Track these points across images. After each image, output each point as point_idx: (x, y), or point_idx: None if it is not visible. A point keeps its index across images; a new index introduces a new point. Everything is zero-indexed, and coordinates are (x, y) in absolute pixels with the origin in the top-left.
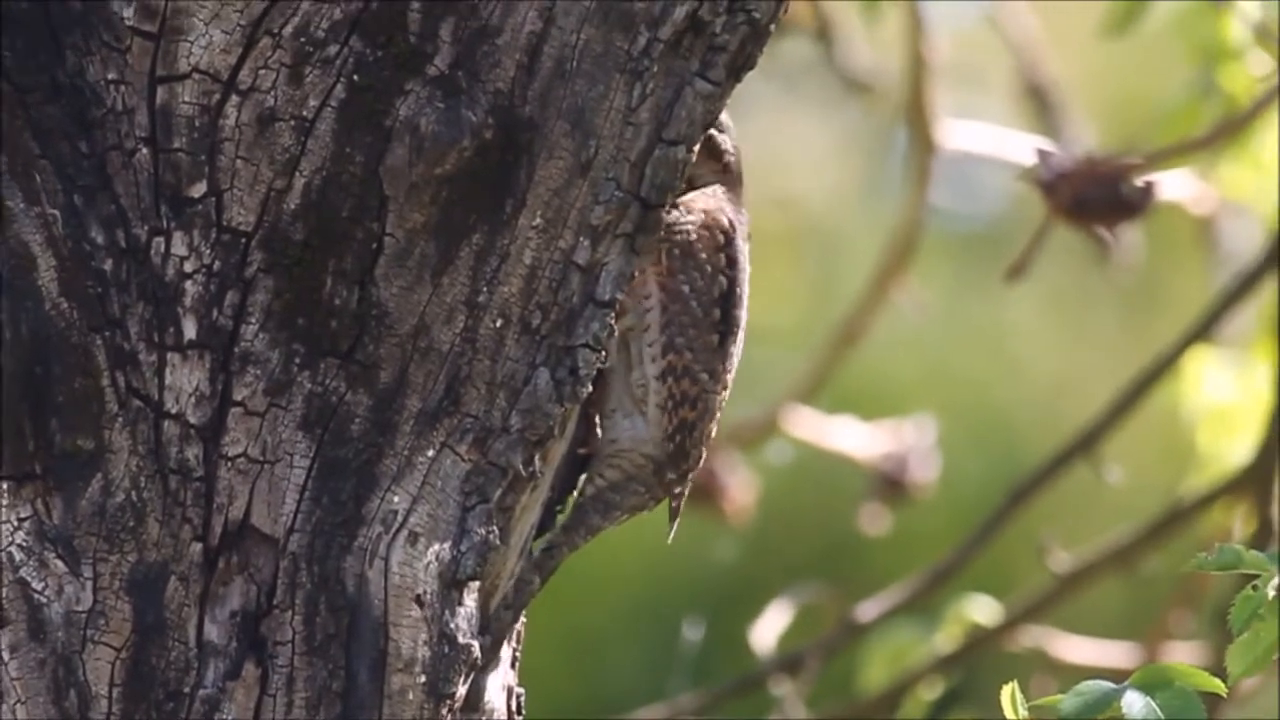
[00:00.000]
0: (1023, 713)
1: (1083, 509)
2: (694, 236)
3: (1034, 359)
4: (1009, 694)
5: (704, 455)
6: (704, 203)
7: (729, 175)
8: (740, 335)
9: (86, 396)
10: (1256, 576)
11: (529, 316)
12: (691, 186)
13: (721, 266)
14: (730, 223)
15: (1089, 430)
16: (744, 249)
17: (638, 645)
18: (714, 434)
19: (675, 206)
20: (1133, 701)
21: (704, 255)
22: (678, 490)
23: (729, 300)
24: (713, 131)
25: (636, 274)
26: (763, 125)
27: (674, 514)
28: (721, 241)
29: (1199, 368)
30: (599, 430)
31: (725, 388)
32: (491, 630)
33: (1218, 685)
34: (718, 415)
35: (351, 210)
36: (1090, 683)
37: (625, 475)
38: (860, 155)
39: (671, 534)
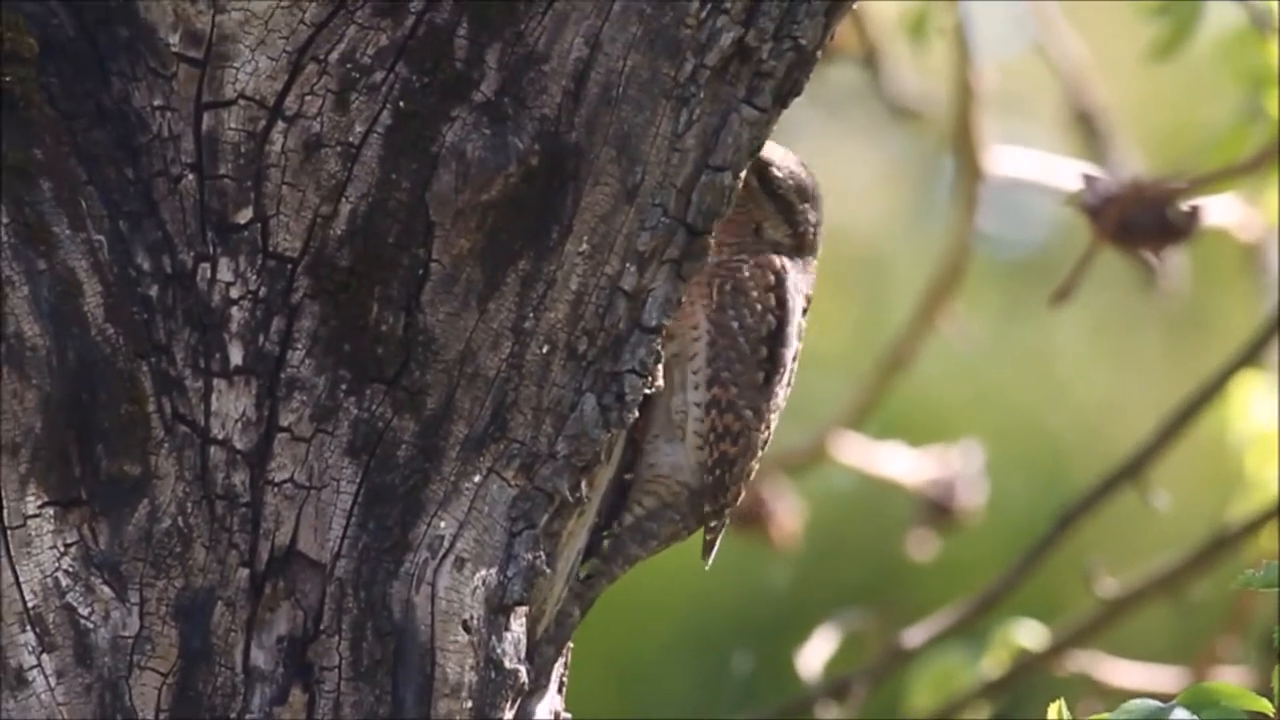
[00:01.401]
0: None
1: (1130, 535)
2: (746, 274)
3: (1081, 384)
4: (1056, 710)
5: (742, 492)
6: (758, 246)
7: (802, 245)
8: (786, 379)
9: (133, 422)
10: None
11: (575, 342)
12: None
13: (771, 306)
14: (782, 265)
15: (1136, 456)
16: (797, 297)
17: (685, 671)
18: (754, 472)
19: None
20: (1180, 719)
21: (755, 294)
22: (713, 524)
23: (776, 340)
24: (796, 203)
25: (684, 301)
26: (809, 152)
27: (708, 547)
28: (772, 282)
29: (1246, 393)
30: (643, 455)
31: (768, 427)
32: (534, 663)
33: (1265, 705)
34: (759, 454)
35: (398, 236)
36: (1137, 701)
37: (662, 503)
38: (907, 182)
39: (708, 564)
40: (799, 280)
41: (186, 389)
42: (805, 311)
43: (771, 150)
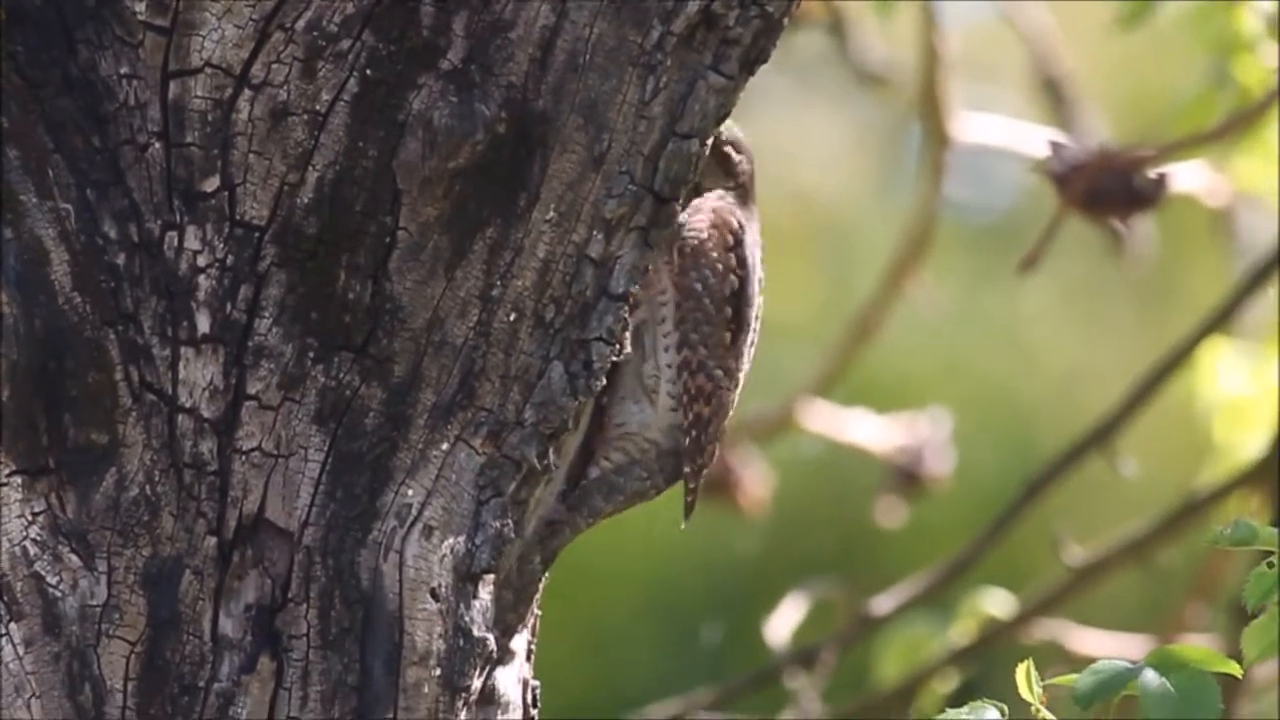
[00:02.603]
0: (1038, 692)
1: (1098, 502)
2: (705, 236)
3: (1048, 351)
4: (1024, 672)
5: (717, 451)
6: (713, 203)
7: (741, 190)
8: (752, 336)
9: (100, 391)
10: (1271, 554)
11: (543, 310)
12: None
13: (732, 266)
14: (739, 224)
15: (1104, 423)
16: (754, 252)
17: (653, 639)
18: (726, 431)
19: (684, 208)
20: (1148, 680)
21: (715, 254)
22: (691, 485)
23: (740, 299)
24: (729, 149)
25: (650, 269)
26: (776, 119)
27: (689, 508)
28: (731, 242)
29: (1214, 360)
30: (608, 415)
31: (738, 385)
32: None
33: (1233, 667)
34: (730, 412)
35: (365, 204)
36: (1105, 662)
37: (629, 459)
38: (874, 149)
39: (685, 523)
40: (754, 233)
41: (154, 357)
42: (761, 264)
43: None
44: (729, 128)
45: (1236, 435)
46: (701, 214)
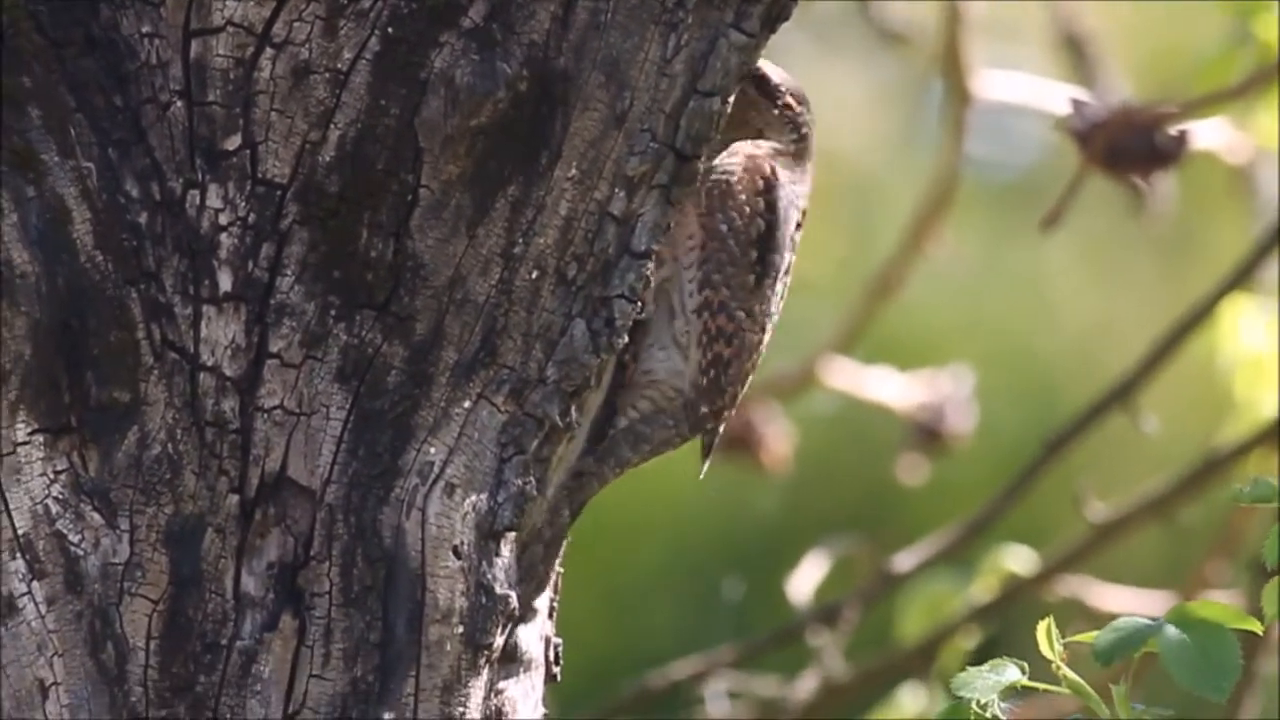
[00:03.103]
0: (1059, 649)
1: (1119, 458)
2: (735, 178)
3: (1070, 308)
4: (1045, 630)
5: (740, 395)
6: (748, 149)
7: (801, 143)
8: (781, 283)
9: (122, 349)
10: None
11: (565, 268)
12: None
13: (760, 210)
14: (772, 169)
15: (1125, 380)
16: (792, 204)
17: (675, 597)
18: (751, 378)
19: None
20: (1169, 637)
21: (743, 197)
22: (710, 427)
23: (767, 244)
24: (792, 101)
25: (673, 223)
26: (797, 77)
27: (707, 450)
28: (761, 186)
29: (1235, 316)
30: (636, 362)
31: (764, 330)
32: (521, 565)
33: (1254, 624)
34: (756, 357)
35: (386, 162)
36: (1126, 619)
37: (656, 407)
38: (896, 107)
39: (703, 471)
40: (793, 189)
41: (176, 316)
42: (800, 225)
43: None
44: (791, 81)
45: (1258, 391)
46: (735, 157)
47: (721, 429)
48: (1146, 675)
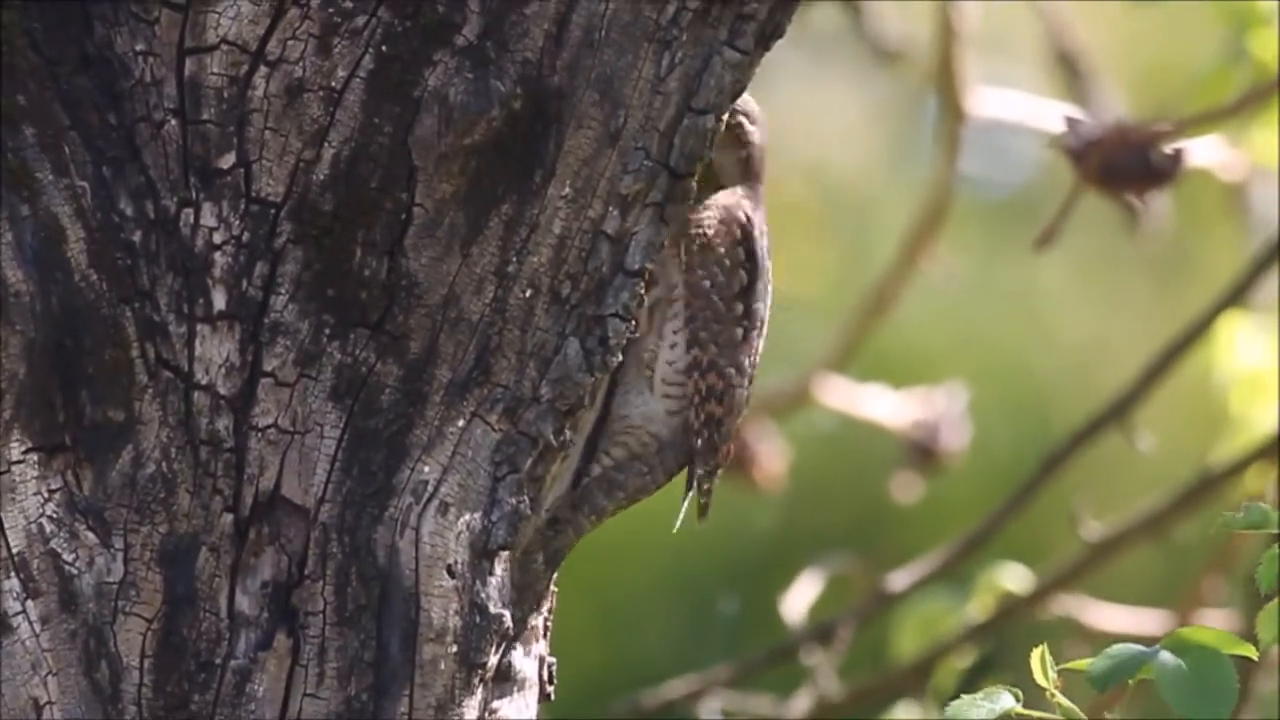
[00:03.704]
0: (1052, 676)
1: (1115, 476)
2: (712, 232)
3: (1065, 326)
4: (1039, 657)
5: (730, 450)
6: (722, 199)
7: (749, 166)
8: (762, 330)
9: (116, 368)
10: None
11: (559, 286)
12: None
13: (740, 260)
14: (747, 217)
15: (1121, 398)
16: (763, 245)
17: (669, 615)
18: (738, 429)
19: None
20: (1164, 663)
21: (722, 250)
22: (705, 487)
23: (749, 294)
24: (742, 120)
25: (666, 244)
26: (791, 94)
27: (703, 510)
28: (739, 236)
29: (1230, 333)
30: (611, 407)
31: (750, 382)
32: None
33: (1249, 649)
34: (744, 410)
35: (380, 181)
36: (1121, 645)
37: (630, 454)
38: (890, 123)
39: (687, 521)
40: (761, 225)
41: (170, 334)
42: (769, 252)
43: None
44: (743, 99)
45: (1253, 409)
46: (709, 210)
47: (715, 483)
48: (1142, 698)
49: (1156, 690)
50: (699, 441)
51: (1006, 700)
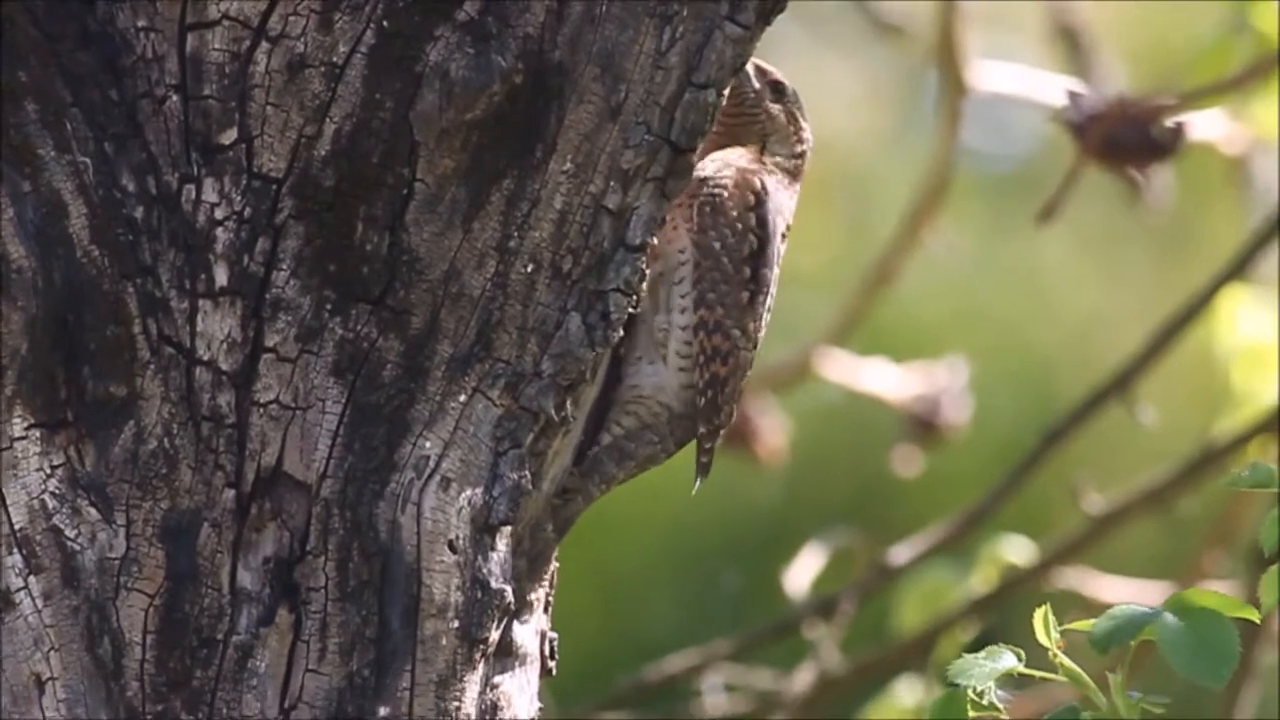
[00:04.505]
0: (1055, 637)
1: (1117, 450)
2: (726, 195)
3: (1066, 300)
4: (1041, 617)
5: (734, 412)
6: (740, 163)
7: (798, 165)
8: (769, 298)
9: (118, 344)
10: None
11: (560, 261)
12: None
13: (752, 225)
14: (762, 185)
15: (1123, 371)
16: (777, 218)
17: (671, 590)
18: (742, 391)
19: (712, 161)
20: (1166, 624)
21: (735, 213)
22: (707, 445)
23: (759, 259)
24: (801, 119)
25: (668, 224)
26: (792, 69)
27: (704, 469)
28: (753, 201)
29: (1232, 307)
30: (623, 376)
31: (756, 346)
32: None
33: (1251, 613)
34: (748, 373)
35: (382, 156)
36: (1123, 606)
37: (641, 423)
38: (891, 98)
39: (696, 488)
40: (781, 203)
41: (172, 310)
42: (785, 237)
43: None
44: (800, 98)
45: (1255, 382)
46: (726, 171)
47: (716, 446)
48: (1144, 666)
49: (1158, 655)
50: (702, 401)
51: (1009, 659)
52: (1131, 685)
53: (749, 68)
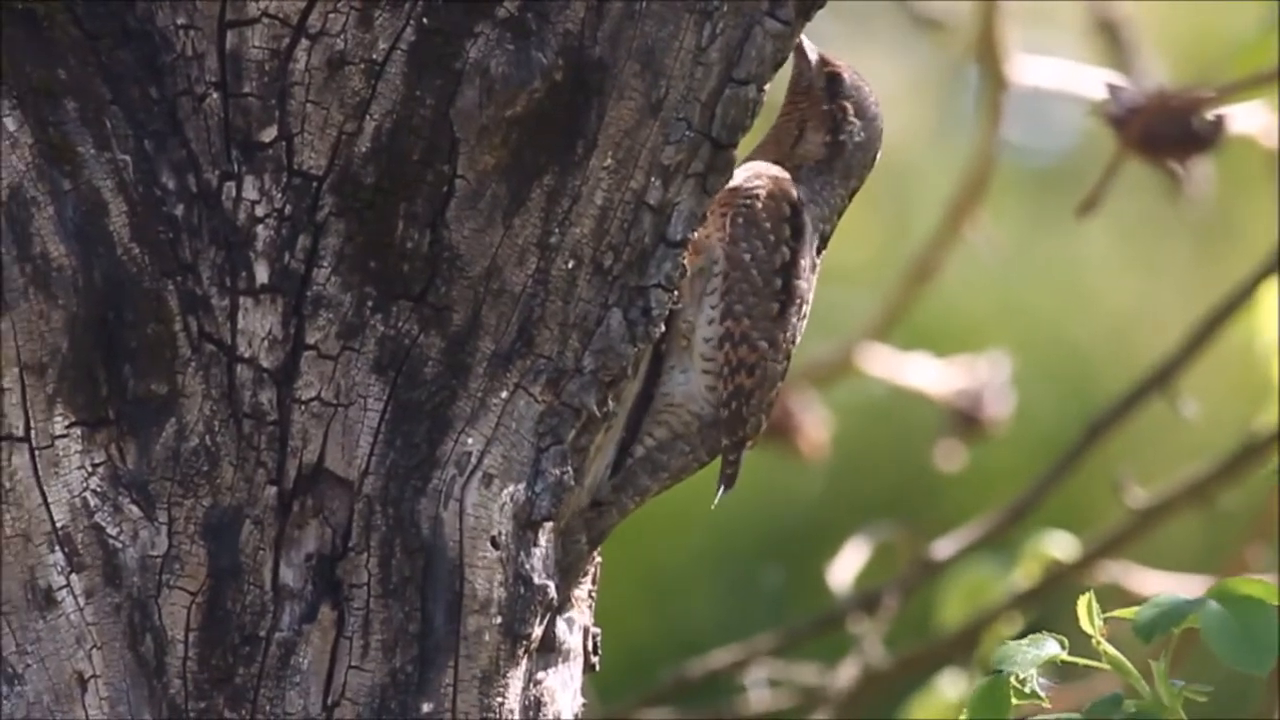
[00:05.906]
0: (1098, 624)
1: (1159, 444)
2: (760, 206)
3: (1107, 294)
4: (1085, 605)
5: (763, 424)
6: (775, 172)
7: (835, 156)
8: (804, 309)
9: (159, 342)
10: None
11: (601, 257)
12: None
13: (785, 237)
14: (798, 197)
15: (1164, 365)
16: (811, 229)
17: (714, 585)
18: (773, 404)
19: (742, 170)
20: (1210, 612)
21: (768, 225)
22: (731, 458)
23: (790, 271)
24: (849, 112)
25: (703, 235)
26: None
27: (729, 480)
28: (787, 213)
29: (1273, 300)
30: (656, 385)
31: (787, 358)
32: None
33: None
34: (778, 384)
35: (422, 153)
36: (1166, 595)
37: (673, 433)
38: (932, 92)
39: (717, 498)
40: (815, 210)
41: (213, 308)
42: (826, 242)
43: (842, 63)
44: (863, 95)
45: None
46: (760, 180)
47: (743, 457)
48: (1187, 657)
49: (1201, 645)
50: (725, 413)
51: (1052, 646)
52: (1174, 675)
53: (811, 55)
